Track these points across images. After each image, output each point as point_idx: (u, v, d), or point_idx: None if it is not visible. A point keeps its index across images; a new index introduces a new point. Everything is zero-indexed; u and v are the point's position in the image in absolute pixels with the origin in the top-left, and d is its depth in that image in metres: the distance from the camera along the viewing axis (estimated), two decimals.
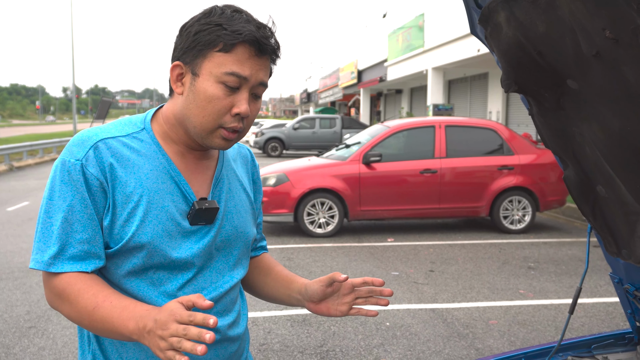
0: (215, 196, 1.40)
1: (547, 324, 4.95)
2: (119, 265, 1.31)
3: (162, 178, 1.32)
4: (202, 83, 1.27)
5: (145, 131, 1.36)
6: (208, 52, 1.27)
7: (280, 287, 1.57)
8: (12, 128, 73.26)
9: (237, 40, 1.25)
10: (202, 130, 1.30)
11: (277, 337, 4.64)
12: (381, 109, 36.83)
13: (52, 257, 1.25)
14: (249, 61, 1.27)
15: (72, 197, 1.25)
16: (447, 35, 18.03)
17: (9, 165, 19.93)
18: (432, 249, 7.78)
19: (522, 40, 1.20)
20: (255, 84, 1.29)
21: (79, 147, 1.28)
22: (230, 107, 1.28)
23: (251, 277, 1.62)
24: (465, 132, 9.09)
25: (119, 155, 1.29)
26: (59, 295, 1.26)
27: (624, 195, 1.32)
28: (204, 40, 1.27)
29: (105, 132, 1.32)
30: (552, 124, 1.39)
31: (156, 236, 1.29)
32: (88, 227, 1.26)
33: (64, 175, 1.26)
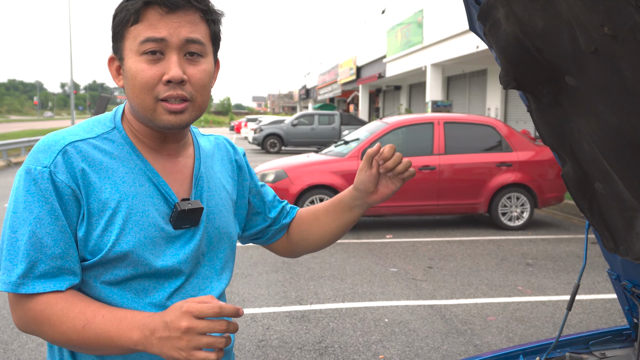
0: (197, 195, 1.30)
1: (545, 320, 4.96)
2: (98, 277, 1.19)
3: (139, 181, 1.22)
4: (127, 63, 1.18)
5: (116, 130, 1.25)
6: (125, 31, 1.18)
7: (337, 212, 1.49)
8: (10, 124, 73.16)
9: (139, 5, 1.15)
10: (144, 111, 1.19)
11: (275, 334, 4.65)
12: (380, 106, 36.83)
13: (21, 277, 1.12)
14: (162, 21, 1.16)
15: (39, 208, 1.13)
16: (446, 32, 18.02)
17: (6, 161, 19.92)
18: (430, 246, 7.79)
19: (520, 36, 1.20)
20: (180, 43, 1.17)
21: (45, 152, 1.16)
22: (161, 75, 1.16)
23: (307, 233, 1.54)
24: (464, 129, 9.09)
25: (90, 159, 1.18)
26: (35, 319, 1.14)
27: (622, 191, 1.32)
28: (118, 21, 1.19)
29: (73, 135, 1.20)
30: (550, 121, 1.39)
31: (138, 244, 1.19)
32: (60, 241, 1.14)
33: (29, 185, 1.13)
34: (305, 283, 6.03)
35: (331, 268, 6.60)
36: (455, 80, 24.02)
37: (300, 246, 1.57)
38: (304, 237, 1.55)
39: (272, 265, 6.69)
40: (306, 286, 5.92)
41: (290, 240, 1.58)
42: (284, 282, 6.04)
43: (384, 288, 5.86)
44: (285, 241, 1.59)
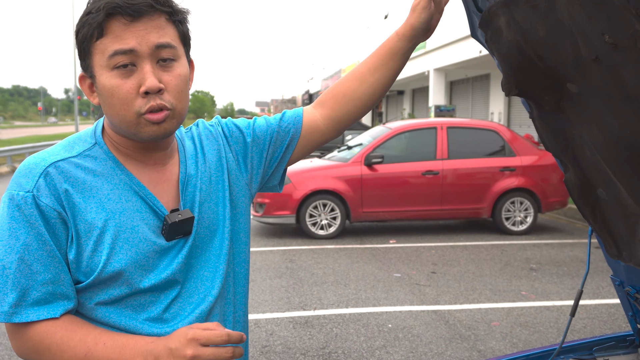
0: (186, 203, 1.26)
1: (549, 325, 4.95)
2: (93, 298, 1.17)
3: (125, 196, 1.18)
4: (99, 80, 1.14)
5: (97, 146, 1.21)
6: (91, 47, 1.14)
7: (389, 62, 1.43)
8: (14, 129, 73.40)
9: (101, 17, 1.10)
10: (127, 127, 1.15)
11: (279, 339, 4.64)
12: (383, 111, 36.85)
13: (13, 306, 1.10)
14: (127, 31, 1.11)
15: (26, 234, 1.10)
16: (448, 37, 18.03)
17: (11, 167, 19.98)
18: (434, 251, 7.78)
19: (522, 44, 1.21)
20: (150, 51, 1.13)
21: (26, 176, 1.13)
22: (137, 87, 1.12)
23: (353, 101, 1.44)
24: (467, 134, 9.09)
25: (73, 179, 1.15)
26: (35, 349, 1.12)
27: (624, 197, 1.32)
28: (82, 37, 1.14)
29: (53, 155, 1.17)
30: (552, 127, 1.39)
31: (131, 261, 1.16)
32: (50, 266, 1.11)
33: (13, 212, 1.11)
34: (309, 288, 6.03)
35: (335, 273, 6.60)
36: (458, 84, 24.02)
37: (345, 117, 1.46)
38: (350, 105, 1.45)
39: (275, 271, 6.69)
40: (310, 292, 5.92)
41: (332, 117, 1.47)
42: (288, 288, 6.04)
43: (388, 293, 5.85)
44: (323, 121, 1.47)
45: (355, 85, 1.44)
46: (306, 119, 1.45)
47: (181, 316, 1.23)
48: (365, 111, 1.47)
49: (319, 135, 1.47)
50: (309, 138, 1.46)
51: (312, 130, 1.46)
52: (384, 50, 1.43)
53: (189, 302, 1.25)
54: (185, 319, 1.23)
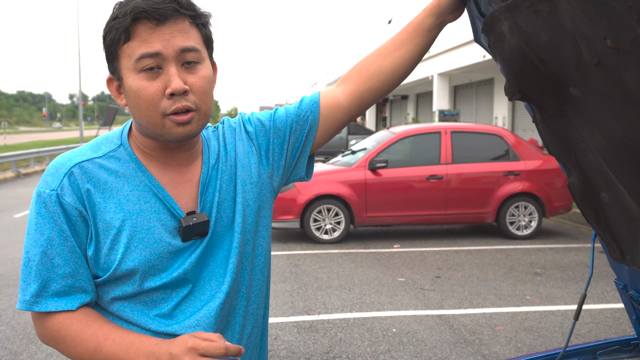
0: (206, 206, 1.29)
1: (553, 330, 4.94)
2: (109, 292, 1.24)
3: (144, 197, 1.23)
4: (127, 83, 1.19)
5: (122, 148, 1.26)
6: (118, 51, 1.18)
7: (416, 38, 1.43)
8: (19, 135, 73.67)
9: (128, 22, 1.14)
10: (153, 128, 1.19)
11: (283, 344, 4.65)
12: (387, 115, 36.86)
13: (34, 296, 1.18)
14: (153, 35, 1.15)
15: (49, 230, 1.18)
16: (452, 41, 18.06)
17: (16, 172, 20.04)
18: (438, 255, 7.77)
19: (525, 48, 1.22)
20: (175, 54, 1.16)
21: (53, 175, 1.20)
22: (164, 89, 1.17)
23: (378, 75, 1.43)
24: (471, 138, 9.09)
25: (95, 179, 1.21)
26: (52, 337, 1.20)
27: (627, 201, 1.32)
28: (110, 40, 1.18)
29: (79, 156, 1.23)
30: (555, 131, 1.40)
31: (145, 261, 1.21)
32: (70, 261, 1.18)
33: (40, 208, 1.19)
34: (313, 293, 6.03)
35: (339, 278, 6.60)
36: (463, 89, 24.03)
37: (369, 93, 1.45)
38: (374, 80, 1.44)
39: (279, 275, 6.69)
40: (314, 296, 5.92)
41: (355, 92, 1.45)
42: (292, 292, 6.05)
43: (392, 298, 5.85)
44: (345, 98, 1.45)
45: (380, 60, 1.44)
46: (325, 100, 1.45)
47: (190, 312, 1.27)
48: (389, 88, 1.46)
49: (343, 114, 1.46)
50: (332, 118, 1.45)
51: (334, 110, 1.45)
52: (411, 26, 1.44)
53: (199, 299, 1.28)
54: (194, 315, 1.26)
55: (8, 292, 6.11)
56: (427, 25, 1.42)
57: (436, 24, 1.42)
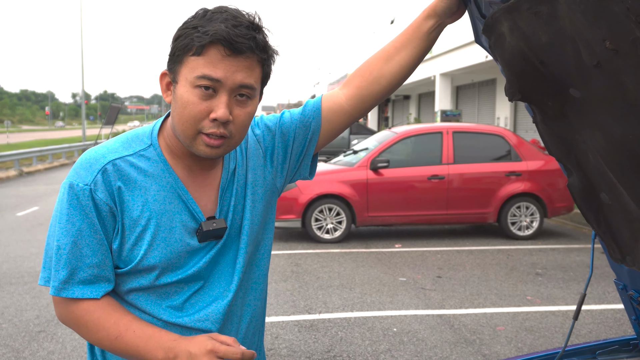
0: (223, 210, 1.36)
1: (554, 330, 4.94)
2: (126, 283, 1.31)
3: (169, 198, 1.29)
4: (179, 89, 1.23)
5: (152, 147, 1.31)
6: (184, 57, 1.22)
7: (415, 41, 1.44)
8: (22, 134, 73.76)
9: (205, 41, 1.18)
10: (184, 138, 1.25)
11: (284, 343, 4.66)
12: (389, 115, 36.85)
13: (63, 282, 1.25)
14: (222, 62, 1.19)
15: (80, 221, 1.23)
16: (454, 42, 18.05)
17: (18, 171, 20.07)
18: (439, 255, 7.78)
19: (525, 50, 1.22)
20: (233, 86, 1.21)
21: (87, 170, 1.25)
22: (208, 112, 1.21)
23: (378, 79, 1.46)
24: (472, 138, 9.09)
25: (126, 177, 1.26)
26: (75, 321, 1.27)
27: (627, 202, 1.33)
28: (181, 45, 1.22)
29: (112, 152, 1.28)
30: (555, 132, 1.40)
31: (165, 258, 1.28)
32: (97, 252, 1.25)
33: (73, 200, 1.24)
34: (314, 292, 6.04)
35: (340, 277, 6.61)
36: (465, 89, 24.01)
37: (371, 96, 1.48)
38: (375, 84, 1.46)
39: (280, 275, 6.70)
40: (315, 295, 5.93)
41: (357, 96, 1.48)
42: (293, 292, 6.06)
43: (393, 297, 5.85)
44: (348, 102, 1.49)
45: (381, 64, 1.46)
46: (328, 104, 1.48)
47: (200, 306, 1.34)
48: (390, 90, 1.48)
49: (345, 117, 1.49)
50: (335, 121, 1.49)
51: (337, 113, 1.48)
52: (410, 29, 1.46)
53: (209, 295, 1.35)
54: (203, 310, 1.34)
55: (10, 290, 6.12)
56: (426, 28, 1.44)
57: (435, 27, 1.44)
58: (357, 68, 1.52)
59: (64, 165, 24.41)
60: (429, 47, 1.46)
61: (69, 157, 26.98)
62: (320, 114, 1.47)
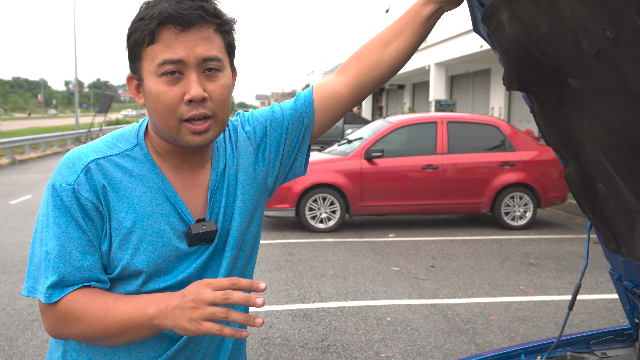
0: (213, 212, 1.31)
1: (547, 320, 4.97)
2: (113, 289, 1.25)
3: (156, 200, 1.24)
4: (147, 85, 1.19)
5: (138, 147, 1.26)
6: (141, 52, 1.18)
7: (414, 26, 1.41)
8: (15, 121, 73.33)
9: (153, 25, 1.14)
10: (169, 132, 1.20)
11: (278, 332, 4.66)
12: (383, 105, 36.83)
13: (51, 287, 1.17)
14: (177, 41, 1.15)
15: (67, 223, 1.18)
16: (449, 31, 18.01)
17: (11, 159, 19.97)
18: (433, 245, 7.80)
19: (524, 39, 1.22)
20: (197, 62, 1.17)
21: (70, 170, 1.20)
22: (182, 95, 1.17)
23: (377, 64, 1.42)
24: (467, 128, 9.10)
25: (110, 177, 1.21)
26: (63, 318, 1.19)
27: (624, 193, 1.33)
28: (133, 41, 1.18)
29: (96, 152, 1.23)
30: (553, 122, 1.40)
31: (152, 263, 1.22)
32: (87, 254, 1.19)
33: (56, 201, 1.18)
34: (308, 281, 6.05)
35: (334, 267, 6.62)
36: (459, 79, 24.00)
37: (369, 82, 1.45)
38: (374, 69, 1.43)
39: (275, 264, 6.71)
40: (309, 285, 5.94)
41: (355, 82, 1.45)
42: (287, 281, 6.06)
43: (387, 287, 5.87)
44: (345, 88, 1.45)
45: (380, 49, 1.43)
46: (323, 92, 1.44)
47: None
48: (389, 76, 1.45)
49: (343, 104, 1.45)
50: (332, 109, 1.45)
51: (334, 101, 1.44)
52: (409, 14, 1.43)
53: None
54: None
55: (3, 279, 6.11)
56: (425, 13, 1.41)
57: (433, 12, 1.41)
58: (352, 54, 1.47)
59: (57, 153, 24.30)
60: (427, 32, 1.44)
61: (62, 145, 26.85)
62: (313, 106, 1.43)
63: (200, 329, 1.07)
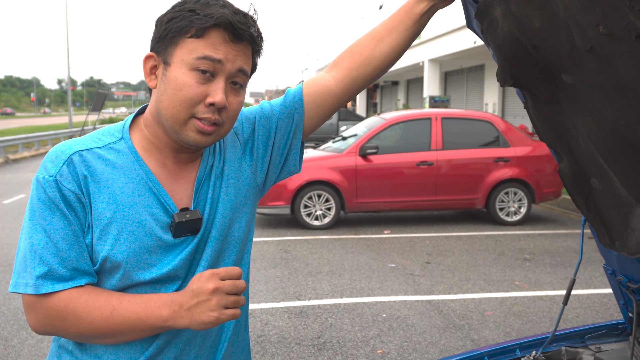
0: (200, 203, 1.30)
1: (542, 315, 4.99)
2: (99, 284, 1.23)
3: (139, 191, 1.23)
4: (173, 71, 1.19)
5: (123, 141, 1.26)
6: (180, 39, 1.18)
7: (407, 23, 1.41)
8: (7, 120, 72.99)
9: (209, 24, 1.16)
10: (174, 122, 1.20)
11: (274, 329, 4.67)
12: (377, 101, 36.82)
13: (40, 278, 1.15)
14: (224, 45, 1.18)
15: (51, 215, 1.17)
16: (443, 27, 18.02)
17: (4, 158, 19.89)
18: (428, 241, 7.81)
19: (517, 35, 1.22)
20: (232, 71, 1.20)
21: (53, 162, 1.20)
22: (204, 96, 1.18)
23: (369, 60, 1.43)
24: (461, 124, 9.11)
25: (92, 168, 1.21)
26: (58, 315, 1.16)
27: (617, 187, 1.33)
28: (176, 27, 1.18)
29: (79, 144, 1.23)
30: (547, 117, 1.40)
31: (132, 254, 1.20)
32: (74, 245, 1.18)
33: (40, 194, 1.18)
34: (304, 279, 6.05)
35: (329, 264, 6.62)
36: (453, 75, 24.02)
37: (361, 78, 1.44)
38: (366, 65, 1.43)
39: (270, 261, 6.71)
40: (304, 282, 5.94)
41: (347, 78, 1.44)
42: (282, 278, 6.06)
43: (382, 283, 5.88)
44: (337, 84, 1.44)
45: (372, 45, 1.43)
46: (315, 89, 1.44)
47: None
48: (381, 72, 1.45)
49: (334, 100, 1.45)
50: (323, 105, 1.45)
51: (325, 97, 1.44)
52: (402, 11, 1.43)
53: None
54: None
55: None
56: (418, 10, 1.41)
57: (426, 9, 1.41)
58: (344, 50, 1.47)
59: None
60: (420, 29, 1.44)
61: (56, 144, 26.75)
62: (303, 102, 1.43)
63: (222, 318, 1.12)
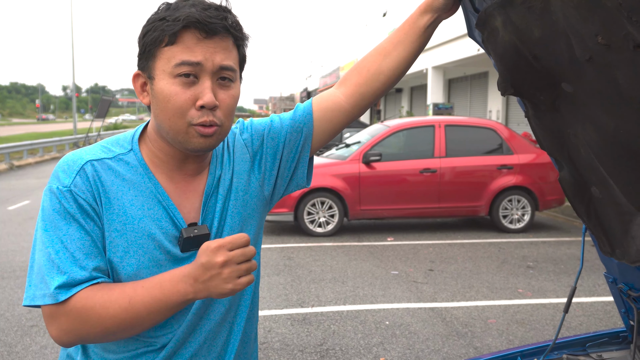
0: (207, 217, 1.30)
1: (545, 322, 4.98)
2: None
3: (148, 204, 1.24)
4: (158, 84, 1.19)
5: (132, 152, 1.27)
6: (157, 51, 1.19)
7: (413, 37, 1.43)
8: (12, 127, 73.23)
9: (178, 27, 1.15)
10: (175, 134, 1.20)
11: (277, 336, 4.67)
12: (381, 108, 36.84)
13: (58, 288, 1.13)
14: (199, 45, 1.17)
15: (67, 225, 1.17)
16: (447, 34, 18.04)
17: (9, 164, 19.95)
18: (431, 248, 7.81)
19: (518, 44, 1.23)
20: (214, 69, 1.19)
21: (65, 172, 1.20)
22: (194, 100, 1.18)
23: (377, 75, 1.44)
24: (464, 132, 9.11)
25: (104, 180, 1.21)
26: (78, 316, 1.14)
27: (618, 196, 1.34)
28: (150, 39, 1.18)
29: (90, 154, 1.24)
30: (547, 126, 1.41)
31: (142, 267, 1.21)
32: (91, 255, 1.17)
33: (55, 204, 1.18)
34: (307, 286, 6.05)
35: (332, 271, 6.62)
36: (457, 82, 24.03)
37: (370, 93, 1.46)
38: (374, 80, 1.45)
39: (273, 268, 6.71)
40: (307, 289, 5.94)
41: (356, 93, 1.46)
42: (286, 285, 6.06)
43: (385, 291, 5.87)
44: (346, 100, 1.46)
45: (379, 60, 1.44)
46: (323, 104, 1.45)
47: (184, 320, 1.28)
48: (389, 86, 1.47)
49: (344, 115, 1.46)
50: (333, 121, 1.46)
51: (335, 112, 1.45)
52: (407, 24, 1.45)
53: (198, 308, 1.29)
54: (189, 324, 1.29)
55: (2, 285, 6.10)
56: (422, 23, 1.43)
57: (431, 21, 1.43)
58: (352, 67, 1.50)
59: (55, 158, 24.27)
60: (425, 41, 1.46)
61: (60, 151, 26.82)
62: (312, 117, 1.44)
63: (237, 288, 1.11)
